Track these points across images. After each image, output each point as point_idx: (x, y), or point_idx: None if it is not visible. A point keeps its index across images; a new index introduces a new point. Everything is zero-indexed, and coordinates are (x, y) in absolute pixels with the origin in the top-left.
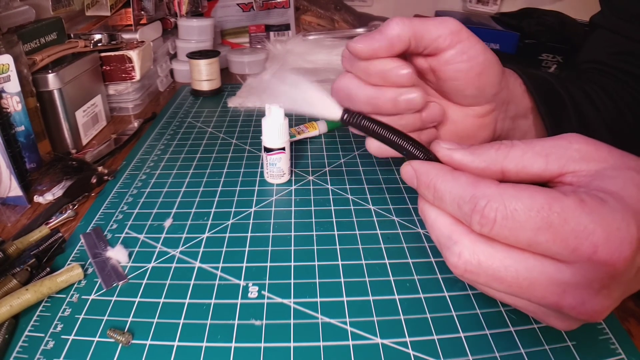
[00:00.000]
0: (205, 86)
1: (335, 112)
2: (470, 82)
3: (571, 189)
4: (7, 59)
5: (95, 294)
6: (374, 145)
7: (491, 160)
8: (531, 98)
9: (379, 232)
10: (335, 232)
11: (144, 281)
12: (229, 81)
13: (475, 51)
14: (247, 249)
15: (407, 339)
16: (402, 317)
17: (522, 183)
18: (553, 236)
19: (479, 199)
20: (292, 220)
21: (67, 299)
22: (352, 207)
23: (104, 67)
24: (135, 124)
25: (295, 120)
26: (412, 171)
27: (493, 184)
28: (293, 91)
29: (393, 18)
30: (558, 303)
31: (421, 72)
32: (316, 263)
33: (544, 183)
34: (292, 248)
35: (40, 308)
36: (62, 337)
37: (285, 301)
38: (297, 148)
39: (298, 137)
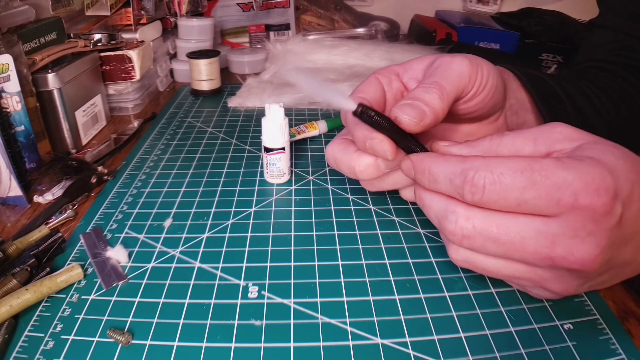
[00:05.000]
0: (205, 86)
1: (349, 104)
2: (488, 105)
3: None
4: (6, 59)
5: (95, 294)
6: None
7: (486, 150)
8: (526, 91)
9: (379, 232)
10: (335, 232)
11: (144, 281)
12: (229, 81)
13: (487, 76)
14: (247, 249)
15: (407, 339)
16: (402, 317)
17: None
18: (538, 192)
19: (468, 170)
20: (292, 220)
21: (67, 299)
22: (352, 207)
23: (104, 67)
24: (135, 124)
25: (295, 120)
26: (410, 162)
27: (479, 157)
28: (312, 80)
29: (431, 95)
30: (549, 255)
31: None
32: (316, 263)
33: None
34: (292, 248)
35: (40, 308)
36: (62, 337)
37: (285, 301)
38: (297, 148)
39: (298, 137)
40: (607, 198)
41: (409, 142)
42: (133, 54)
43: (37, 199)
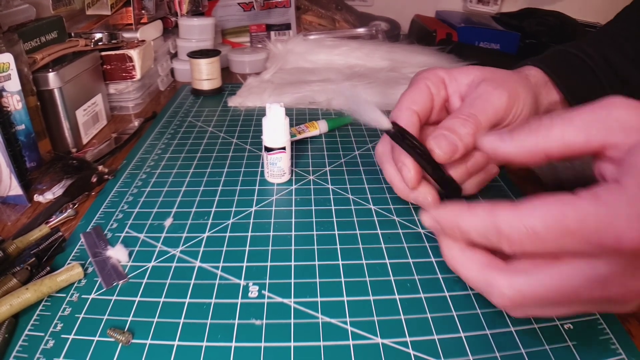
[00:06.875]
0: (205, 85)
1: (385, 123)
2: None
3: (610, 168)
4: (7, 58)
5: (95, 293)
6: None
7: (533, 147)
8: (563, 99)
9: (379, 231)
10: (336, 232)
11: (144, 280)
12: (230, 80)
13: (521, 108)
14: (247, 248)
15: (408, 339)
16: (402, 317)
17: (568, 159)
18: (575, 239)
19: (500, 225)
20: (293, 220)
21: (67, 298)
22: (352, 207)
23: (105, 66)
24: (136, 123)
25: (296, 119)
26: (433, 220)
27: (507, 208)
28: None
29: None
30: (607, 297)
31: None
32: (316, 263)
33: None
34: (293, 248)
35: (40, 307)
36: (62, 336)
37: (286, 301)
38: (298, 147)
39: (298, 137)
40: None
41: (437, 173)
42: (134, 53)
43: (37, 198)
